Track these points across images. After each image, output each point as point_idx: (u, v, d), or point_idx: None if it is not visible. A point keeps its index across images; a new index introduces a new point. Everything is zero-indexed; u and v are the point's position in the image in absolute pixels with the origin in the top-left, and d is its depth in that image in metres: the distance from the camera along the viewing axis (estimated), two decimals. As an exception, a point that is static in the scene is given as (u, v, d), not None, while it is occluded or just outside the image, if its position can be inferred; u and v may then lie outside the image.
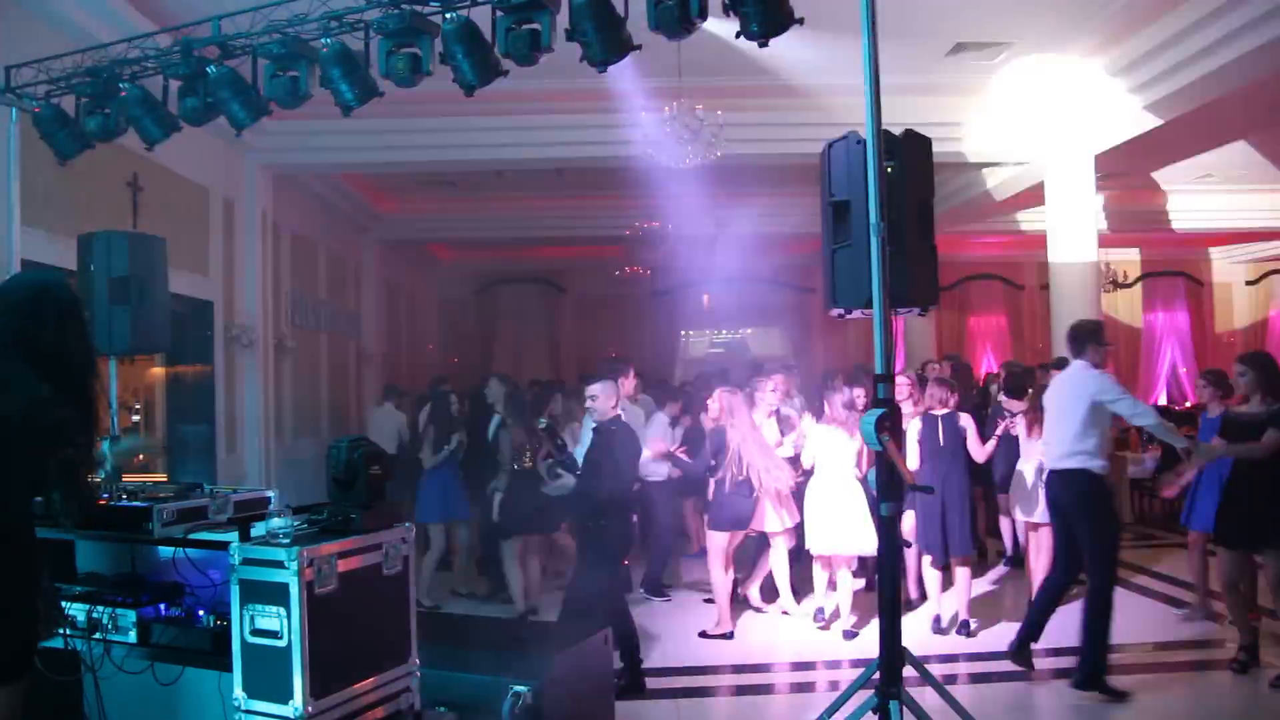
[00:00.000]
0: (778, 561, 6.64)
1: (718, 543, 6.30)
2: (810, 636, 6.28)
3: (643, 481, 6.93)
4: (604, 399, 5.27)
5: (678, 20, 3.76)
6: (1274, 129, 9.62)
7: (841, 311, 3.77)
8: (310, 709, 2.68)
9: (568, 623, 4.96)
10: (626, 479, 5.39)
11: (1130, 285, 15.77)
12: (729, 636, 6.20)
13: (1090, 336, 5.24)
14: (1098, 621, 4.92)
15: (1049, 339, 9.91)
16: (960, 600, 6.20)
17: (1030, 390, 6.70)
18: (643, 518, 7.41)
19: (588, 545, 5.31)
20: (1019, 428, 6.53)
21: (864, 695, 3.60)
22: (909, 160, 3.75)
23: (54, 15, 5.93)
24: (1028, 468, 6.42)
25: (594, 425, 5.38)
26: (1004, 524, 8.02)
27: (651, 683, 5.32)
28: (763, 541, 6.77)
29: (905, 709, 3.45)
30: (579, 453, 5.98)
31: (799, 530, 6.47)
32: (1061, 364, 7.83)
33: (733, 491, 6.18)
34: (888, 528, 3.62)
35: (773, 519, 6.41)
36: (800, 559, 6.70)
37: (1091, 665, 4.92)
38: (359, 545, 2.93)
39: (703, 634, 6.28)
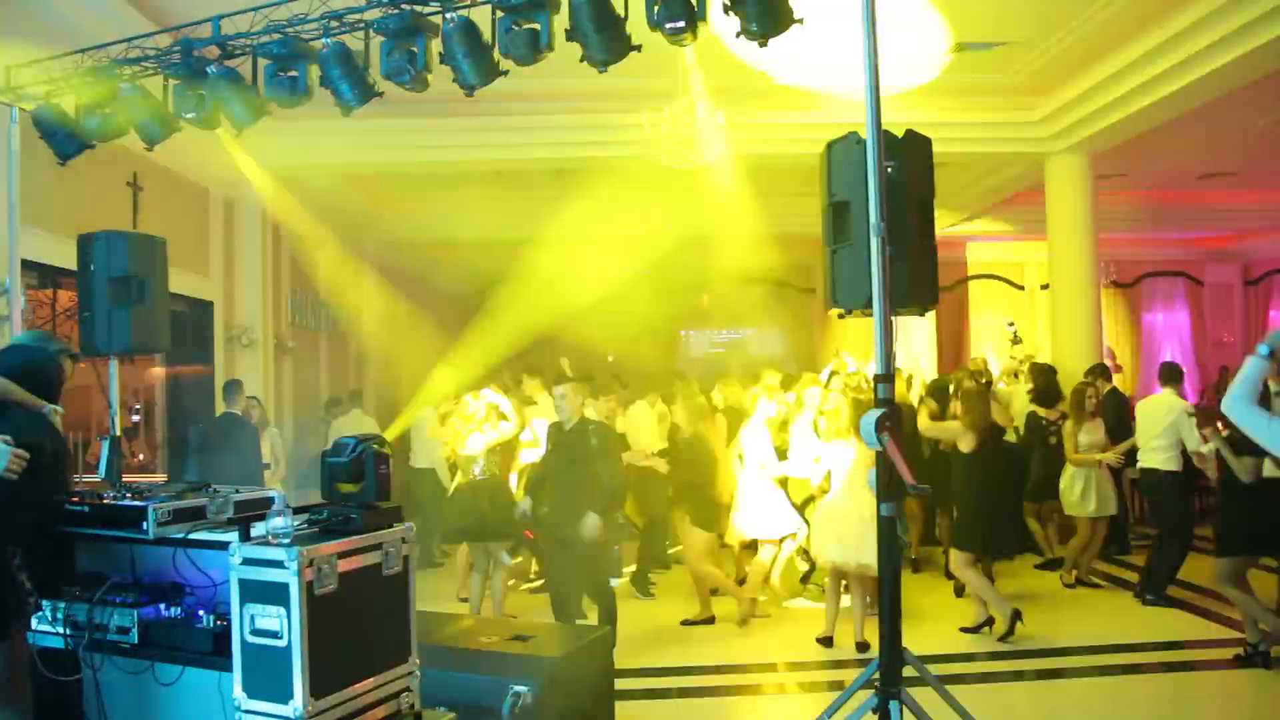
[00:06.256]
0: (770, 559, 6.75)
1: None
2: (810, 636, 6.28)
3: None
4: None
5: (681, 25, 3.76)
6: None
7: (842, 311, 3.77)
8: (310, 709, 2.68)
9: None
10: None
11: (1130, 285, 15.78)
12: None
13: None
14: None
15: (1049, 339, 9.89)
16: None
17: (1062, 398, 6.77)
18: None
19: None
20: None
21: (864, 695, 3.60)
22: (909, 160, 3.75)
23: (54, 15, 5.92)
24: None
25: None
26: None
27: (651, 682, 5.32)
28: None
29: (905, 709, 3.45)
30: None
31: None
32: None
33: None
34: (887, 528, 3.62)
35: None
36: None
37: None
38: (359, 545, 2.93)
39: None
